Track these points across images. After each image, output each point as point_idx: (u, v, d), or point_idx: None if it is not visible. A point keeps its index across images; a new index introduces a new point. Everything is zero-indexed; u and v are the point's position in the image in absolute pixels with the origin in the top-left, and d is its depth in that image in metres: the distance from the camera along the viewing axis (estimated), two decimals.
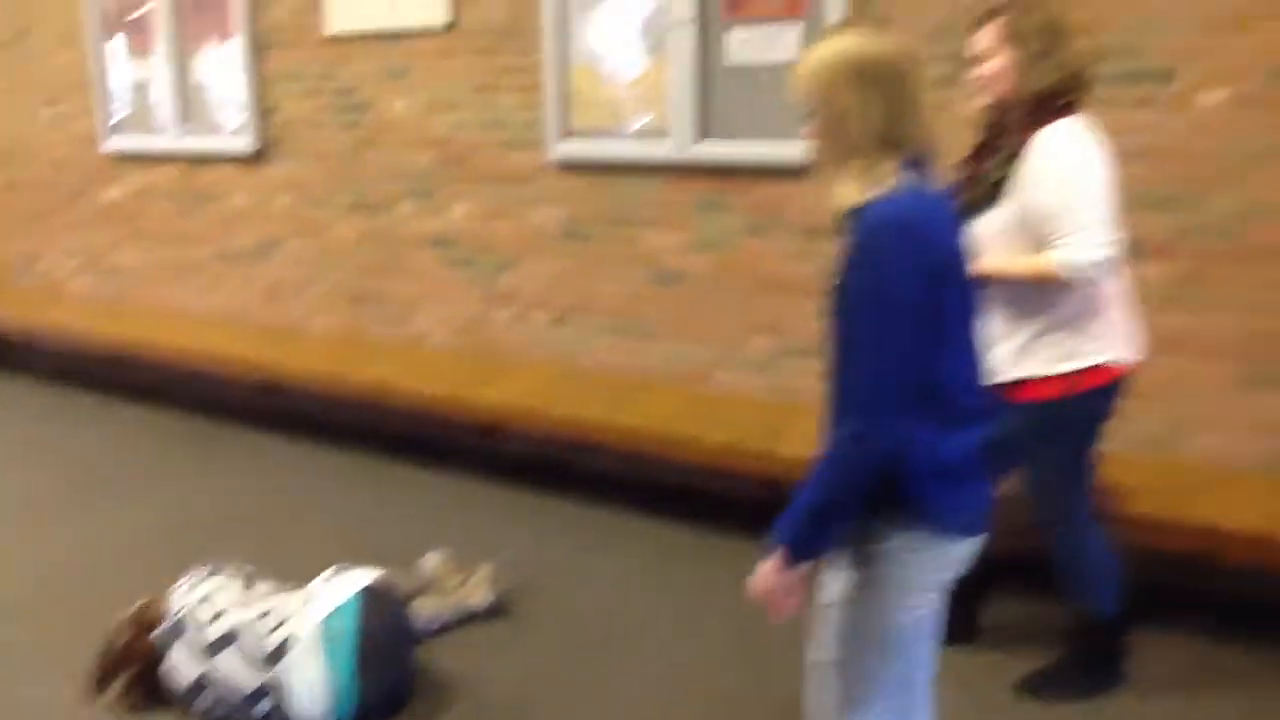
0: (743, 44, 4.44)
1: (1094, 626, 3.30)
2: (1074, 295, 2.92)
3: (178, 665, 3.28)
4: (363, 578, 3.42)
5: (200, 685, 3.25)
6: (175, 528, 4.70)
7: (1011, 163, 2.93)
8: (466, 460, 5.34)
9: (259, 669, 3.20)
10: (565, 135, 4.95)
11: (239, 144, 6.06)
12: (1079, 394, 2.98)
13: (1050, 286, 2.91)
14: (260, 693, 3.20)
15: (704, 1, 4.49)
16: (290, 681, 3.17)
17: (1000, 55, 2.93)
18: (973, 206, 2.99)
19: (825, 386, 2.07)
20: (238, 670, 3.21)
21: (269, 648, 3.22)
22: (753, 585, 2.14)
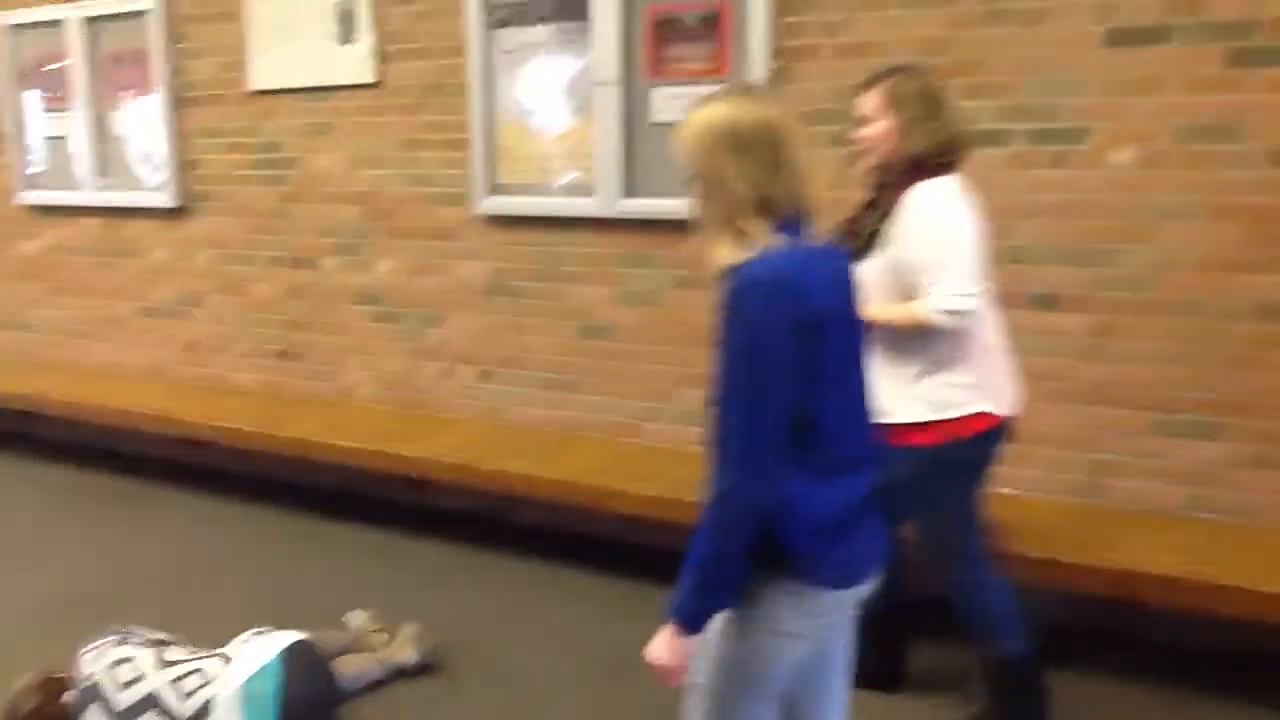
0: (667, 102, 4.51)
1: (1007, 668, 3.34)
2: (949, 342, 3.03)
3: None
4: (285, 638, 3.39)
5: None
6: (94, 588, 4.62)
7: (886, 217, 3.07)
8: (394, 515, 5.30)
9: None
10: (492, 190, 4.97)
11: (160, 199, 6.01)
12: (960, 440, 3.09)
13: (922, 332, 3.03)
14: None
15: (628, 62, 4.56)
16: None
17: (882, 119, 3.09)
18: (853, 255, 3.10)
19: (706, 441, 2.12)
20: None
21: (190, 710, 3.17)
22: (649, 655, 2.19)
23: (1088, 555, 3.55)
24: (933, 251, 2.98)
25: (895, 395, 3.08)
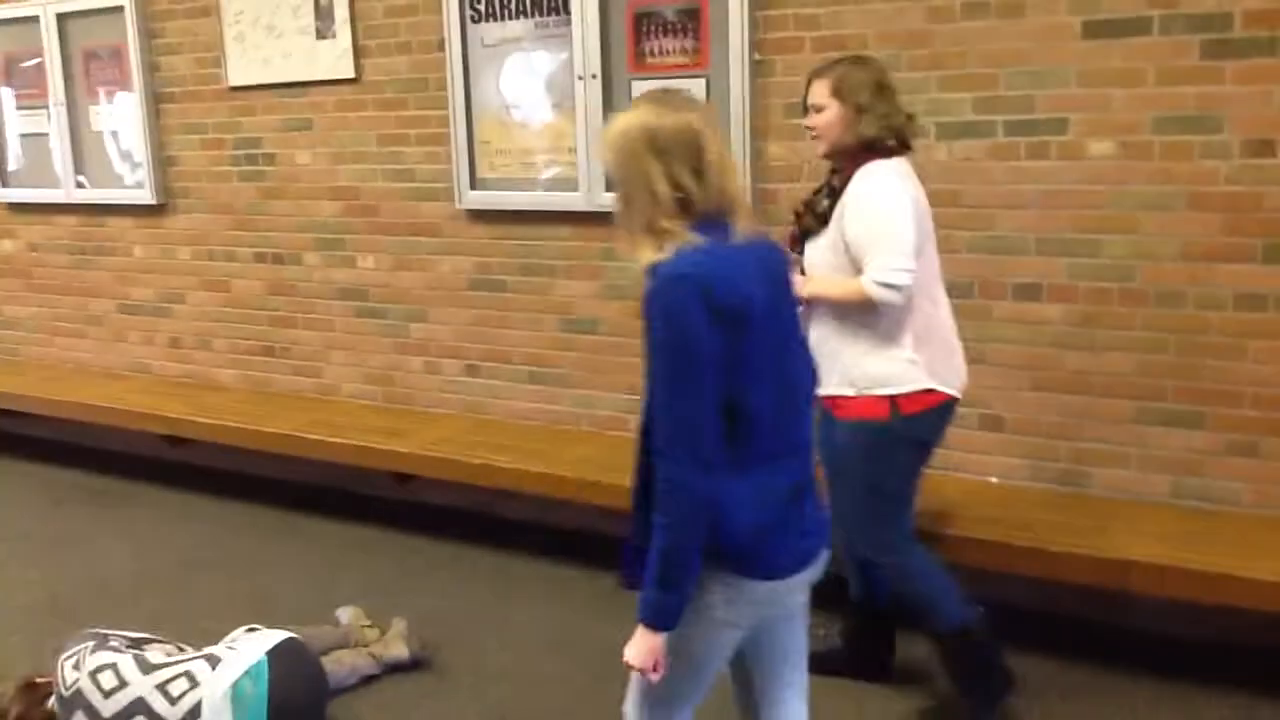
0: None
1: (955, 643, 3.39)
2: (892, 318, 3.15)
3: None
4: (273, 637, 3.38)
5: None
6: (78, 587, 4.62)
7: (835, 197, 3.23)
8: (380, 511, 5.30)
9: None
10: (474, 185, 4.96)
11: (139, 195, 5.97)
12: (903, 416, 3.19)
13: (862, 307, 3.14)
14: None
15: (609, 56, 4.55)
16: None
17: (831, 108, 3.21)
18: (805, 233, 3.33)
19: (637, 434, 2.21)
20: None
21: (179, 714, 3.16)
22: (626, 659, 2.24)
23: (1072, 544, 3.58)
24: (871, 228, 3.12)
25: (842, 369, 3.22)
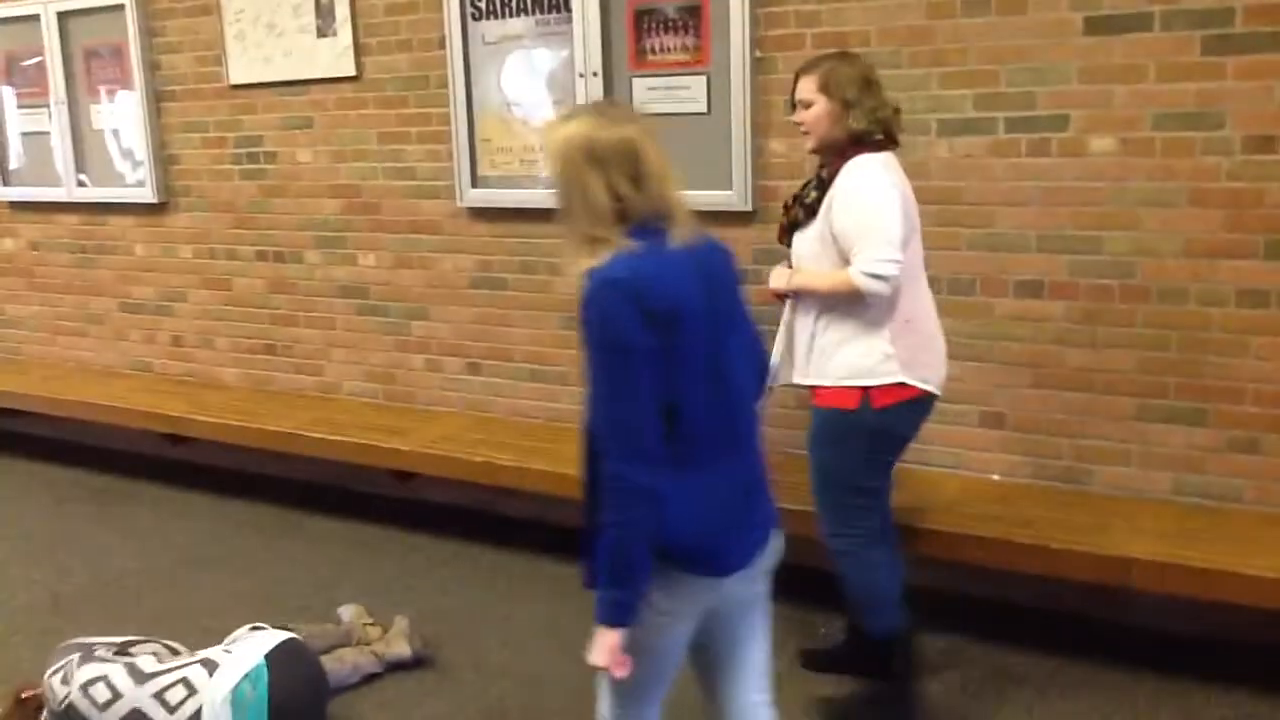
0: (648, 93, 4.51)
1: (875, 645, 3.47)
2: (872, 311, 3.19)
3: None
4: (271, 639, 3.37)
5: None
6: (80, 586, 4.62)
7: (824, 189, 3.28)
8: (382, 509, 5.30)
9: None
10: (475, 183, 4.96)
11: (140, 194, 5.97)
12: (876, 408, 3.22)
13: (849, 298, 3.18)
14: None
15: (609, 53, 4.55)
16: None
17: (819, 103, 3.25)
18: (793, 225, 3.38)
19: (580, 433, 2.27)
20: None
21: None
22: (590, 660, 2.30)
23: (1074, 541, 3.58)
24: (859, 220, 3.17)
25: (820, 359, 3.28)
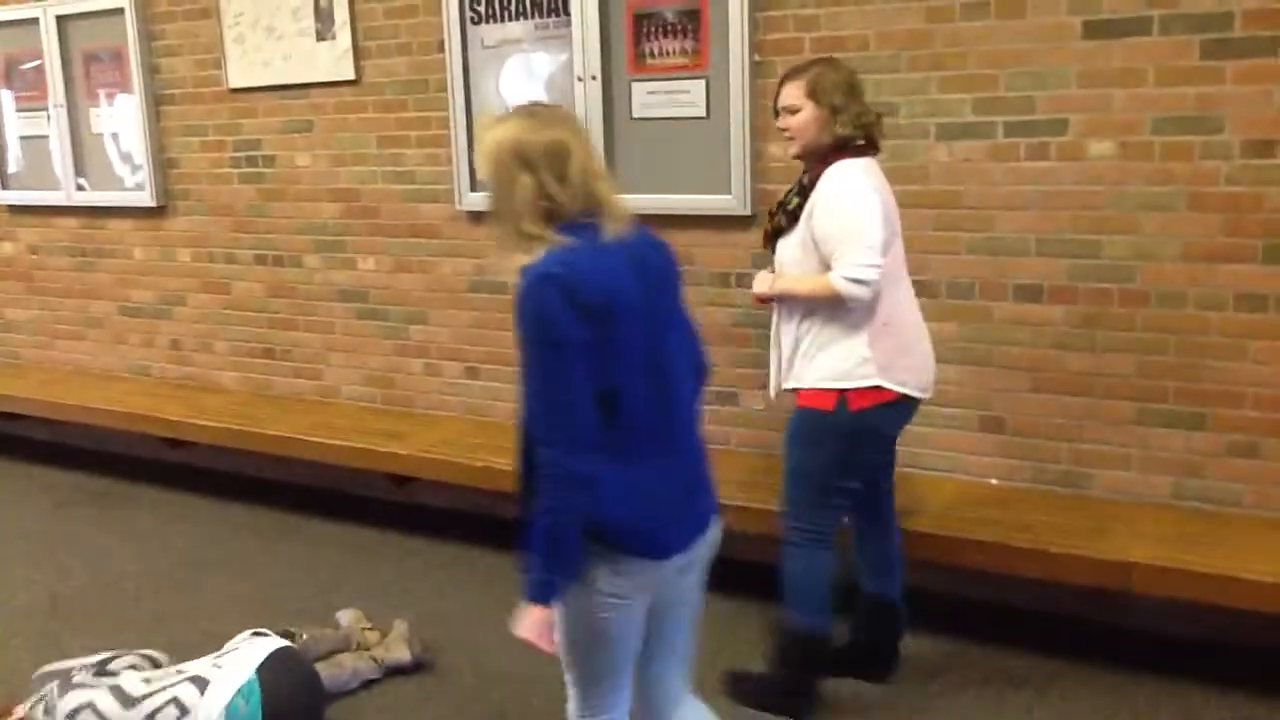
0: (648, 97, 4.51)
1: (792, 643, 3.50)
2: (851, 316, 3.22)
3: None
4: (260, 650, 3.33)
5: None
6: (78, 589, 4.62)
7: (805, 195, 3.31)
8: (380, 513, 5.30)
9: None
10: (474, 187, 4.95)
11: (139, 198, 5.97)
12: (853, 411, 3.26)
13: (830, 302, 3.21)
14: None
15: (608, 57, 4.55)
16: None
17: (806, 109, 3.28)
18: (777, 231, 3.42)
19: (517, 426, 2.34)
20: None
21: None
22: (516, 631, 2.39)
23: (1073, 545, 3.58)
24: (840, 225, 3.20)
25: (802, 363, 3.34)
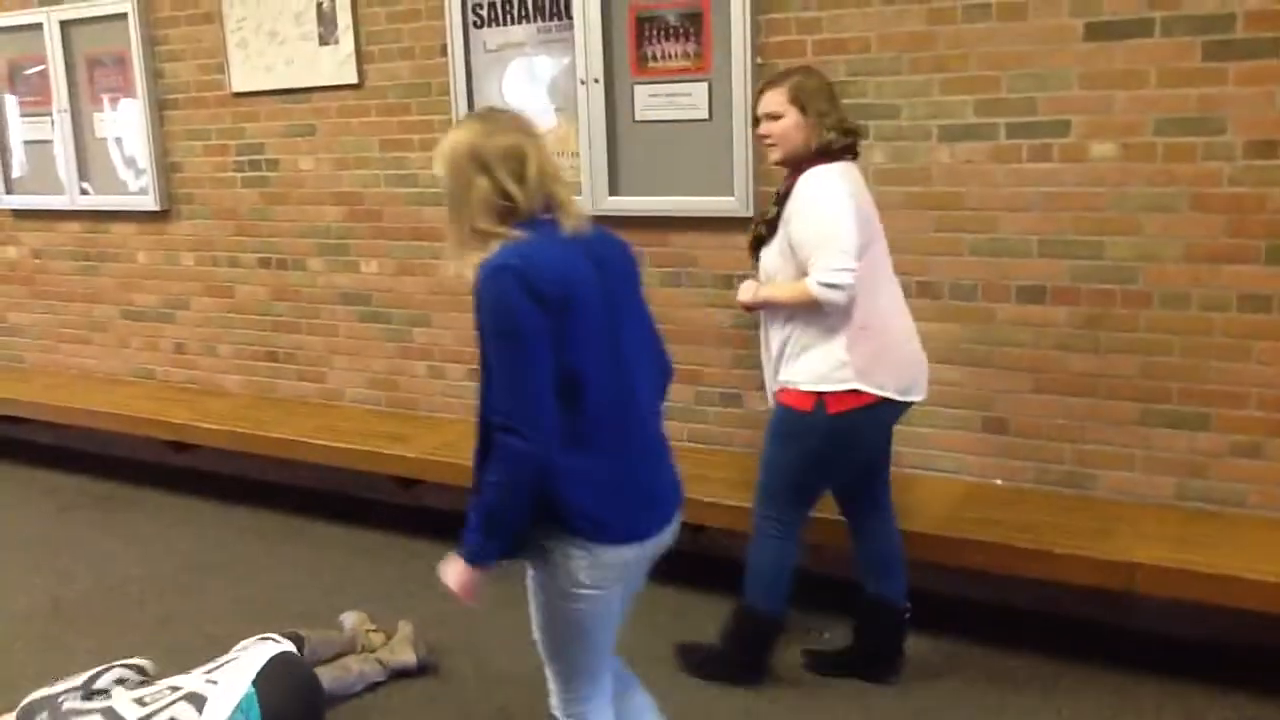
0: (650, 99, 4.52)
1: (746, 619, 3.64)
2: (829, 320, 3.26)
3: None
4: (256, 660, 3.30)
5: None
6: (83, 593, 4.62)
7: (783, 202, 3.36)
8: (384, 516, 5.30)
9: None
10: None
11: (143, 202, 5.99)
12: (830, 414, 3.31)
13: (809, 307, 3.25)
14: None
15: (611, 60, 4.56)
16: None
17: (789, 115, 3.32)
18: (759, 239, 3.47)
19: (476, 416, 2.41)
20: None
21: None
22: (441, 574, 2.49)
23: (1077, 546, 3.59)
24: (814, 230, 3.23)
25: (786, 366, 3.38)
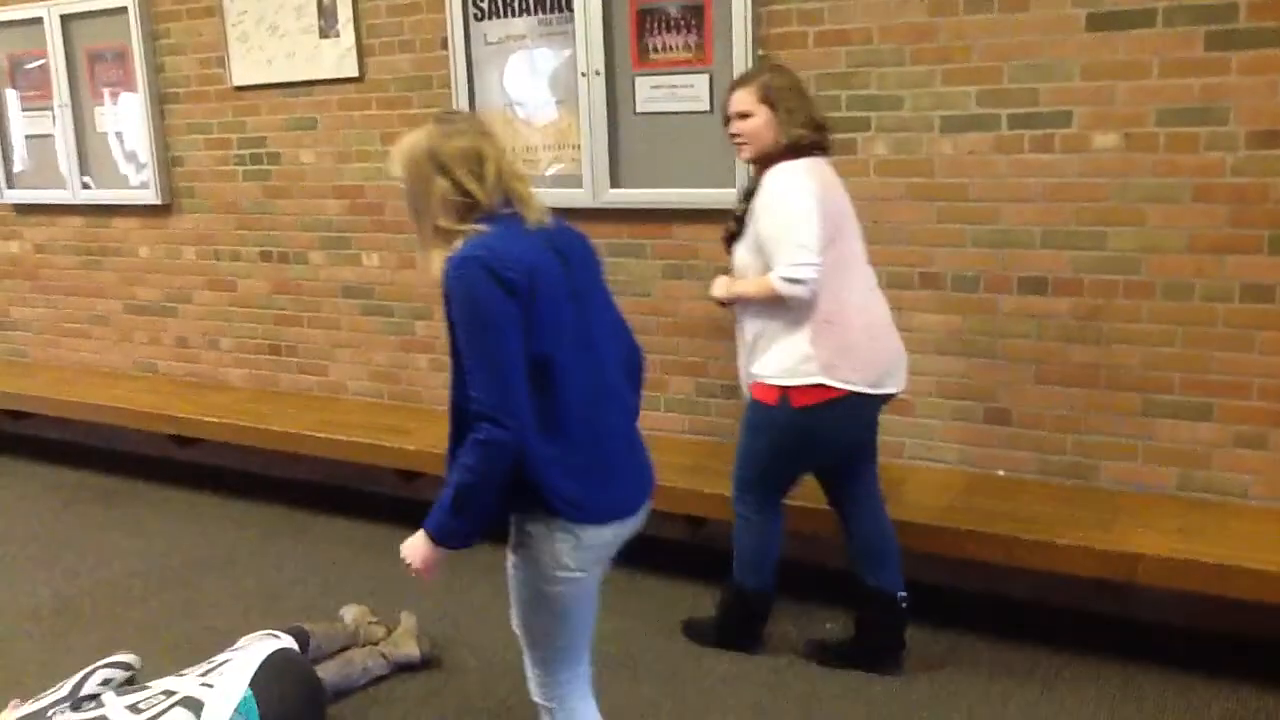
0: (651, 91, 4.51)
1: (736, 598, 3.80)
2: (792, 314, 3.32)
3: None
4: (253, 659, 3.27)
5: None
6: (86, 588, 4.63)
7: (750, 199, 3.41)
8: (386, 509, 5.30)
9: None
10: None
11: (144, 196, 5.99)
12: (794, 408, 3.37)
13: (776, 302, 3.31)
14: None
15: (612, 52, 4.55)
16: None
17: (759, 114, 3.37)
18: (731, 236, 3.53)
19: (449, 405, 2.48)
20: None
21: None
22: (403, 552, 2.55)
23: (1080, 537, 3.59)
24: (776, 226, 3.29)
25: (755, 357, 3.45)
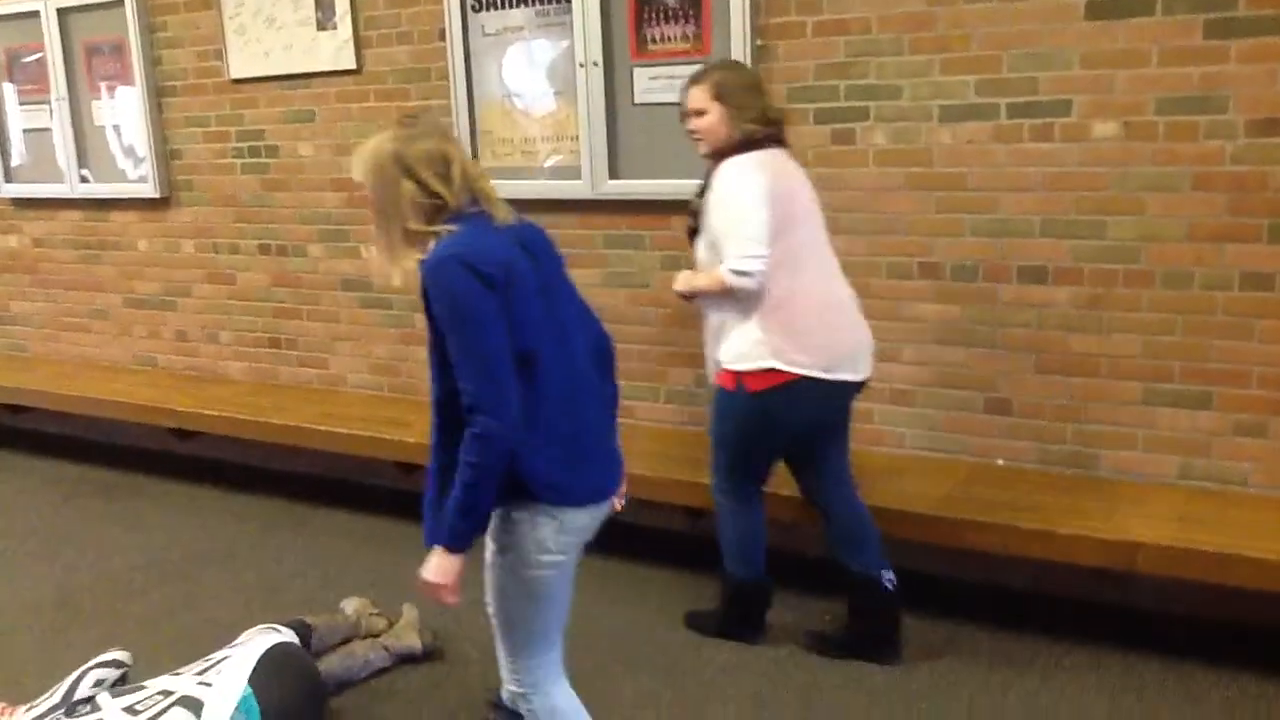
0: (650, 82, 4.50)
1: (734, 588, 3.83)
2: (742, 302, 3.37)
3: None
4: (251, 655, 3.25)
5: None
6: (87, 582, 4.63)
7: (704, 194, 3.47)
8: (387, 501, 5.30)
9: None
10: None
11: (143, 189, 5.98)
12: (750, 392, 3.44)
13: (727, 294, 3.38)
14: None
15: (610, 43, 4.54)
16: None
17: (713, 111, 3.43)
18: (692, 233, 3.58)
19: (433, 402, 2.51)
20: None
21: None
22: (425, 575, 2.51)
23: (1080, 526, 3.59)
24: (724, 219, 3.36)
25: (716, 344, 3.52)
